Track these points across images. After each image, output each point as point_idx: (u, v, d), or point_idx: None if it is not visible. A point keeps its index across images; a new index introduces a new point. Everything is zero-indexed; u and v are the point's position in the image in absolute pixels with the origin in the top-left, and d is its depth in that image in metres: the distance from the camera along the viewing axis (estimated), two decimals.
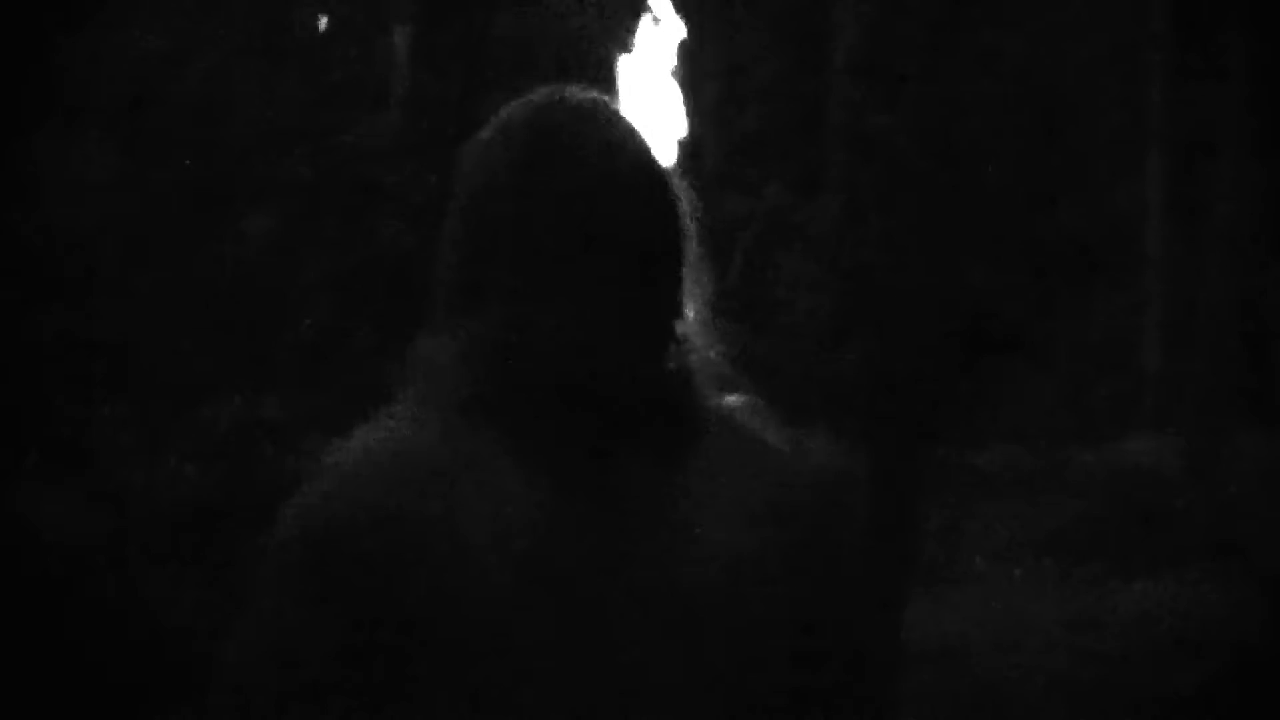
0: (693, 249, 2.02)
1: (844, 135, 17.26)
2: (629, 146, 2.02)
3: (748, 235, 17.03)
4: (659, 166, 2.05)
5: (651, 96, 2.52)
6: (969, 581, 11.16)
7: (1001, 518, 12.58)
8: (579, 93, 2.02)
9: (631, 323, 1.91)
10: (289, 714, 1.82)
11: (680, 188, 2.06)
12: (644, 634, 1.84)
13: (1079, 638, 9.48)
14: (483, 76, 10.52)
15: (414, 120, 12.25)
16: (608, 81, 2.53)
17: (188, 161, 7.76)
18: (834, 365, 15.01)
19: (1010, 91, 17.12)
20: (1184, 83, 15.25)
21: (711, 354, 2.04)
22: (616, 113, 2.06)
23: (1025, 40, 16.25)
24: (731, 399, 2.06)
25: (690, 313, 2.03)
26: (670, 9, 2.40)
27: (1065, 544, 11.69)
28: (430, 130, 11.96)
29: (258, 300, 9.15)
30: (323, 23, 10.59)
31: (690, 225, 2.04)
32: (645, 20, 2.38)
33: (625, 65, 2.51)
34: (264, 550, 1.85)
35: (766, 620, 1.87)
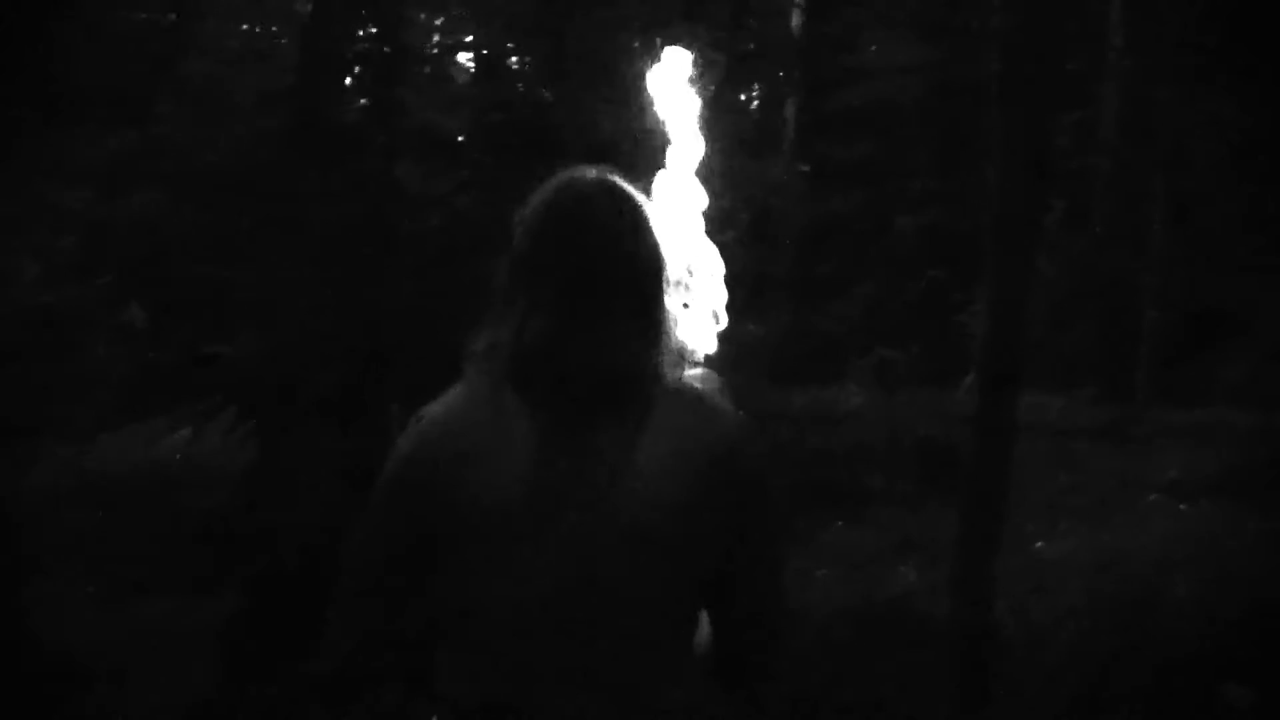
0: (668, 281, 2.33)
1: (1112, 179, 16.77)
2: (622, 212, 2.30)
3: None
4: (640, 227, 2.31)
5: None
6: (1144, 512, 10.72)
7: (1183, 464, 12.03)
8: (591, 173, 2.34)
9: (602, 326, 2.22)
10: (375, 567, 2.26)
11: (662, 242, 2.33)
12: (606, 525, 2.16)
13: (1221, 558, 9.05)
14: None
15: None
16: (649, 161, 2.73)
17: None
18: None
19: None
20: None
21: (683, 343, 2.39)
22: (616, 188, 2.33)
23: None
24: (693, 373, 2.36)
25: (673, 317, 2.34)
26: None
27: (1225, 487, 11.09)
28: None
29: None
30: None
31: (665, 266, 2.32)
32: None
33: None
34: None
35: (689, 527, 2.18)
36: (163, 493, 8.15)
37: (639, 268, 2.27)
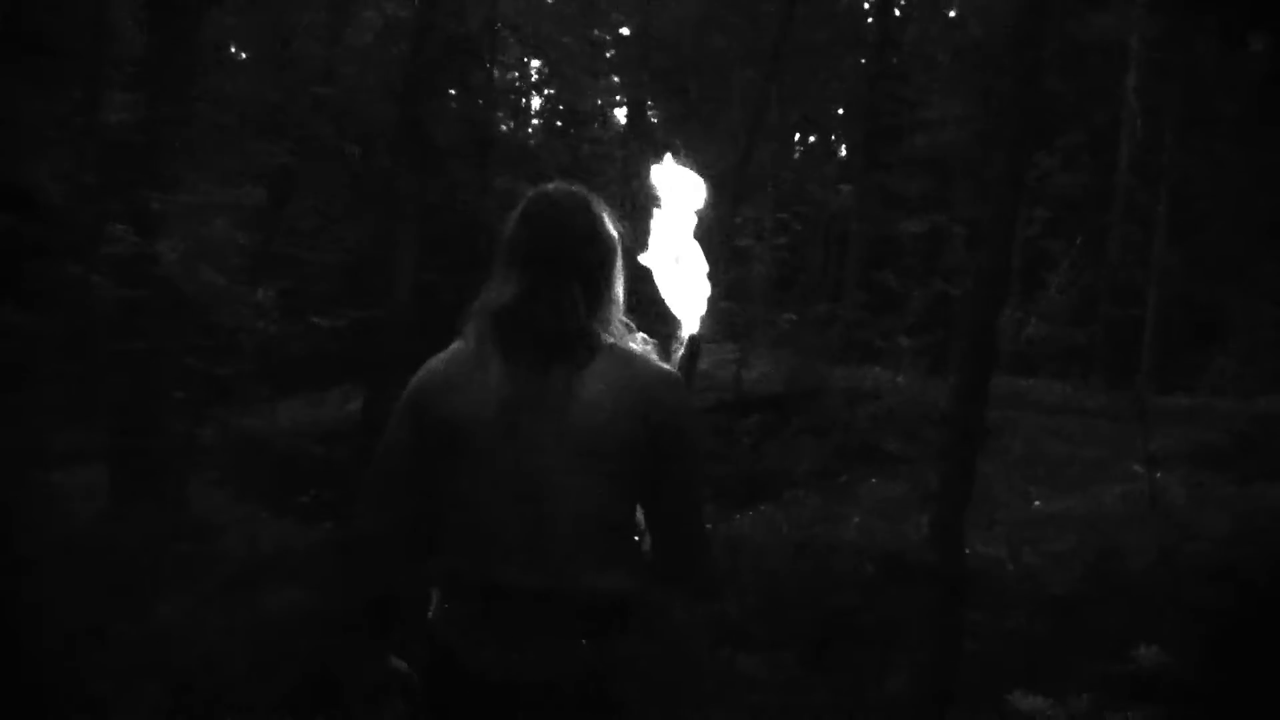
0: (616, 269, 2.46)
1: (1126, 205, 16.31)
2: (577, 213, 2.44)
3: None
4: (597, 225, 2.44)
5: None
6: (1126, 479, 10.35)
7: (1168, 440, 11.58)
8: (564, 186, 2.49)
9: (557, 294, 2.36)
10: (387, 463, 2.42)
11: (615, 239, 2.47)
12: (553, 440, 2.32)
13: (1187, 520, 8.70)
14: None
15: None
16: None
17: None
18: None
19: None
20: None
21: (623, 318, 2.49)
22: (579, 195, 2.47)
23: None
24: (631, 339, 2.43)
25: (619, 298, 2.47)
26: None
27: (1199, 459, 10.70)
28: None
29: None
30: None
31: (614, 258, 2.46)
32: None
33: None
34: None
35: (620, 443, 2.31)
36: (295, 446, 8.44)
37: (588, 253, 2.43)
